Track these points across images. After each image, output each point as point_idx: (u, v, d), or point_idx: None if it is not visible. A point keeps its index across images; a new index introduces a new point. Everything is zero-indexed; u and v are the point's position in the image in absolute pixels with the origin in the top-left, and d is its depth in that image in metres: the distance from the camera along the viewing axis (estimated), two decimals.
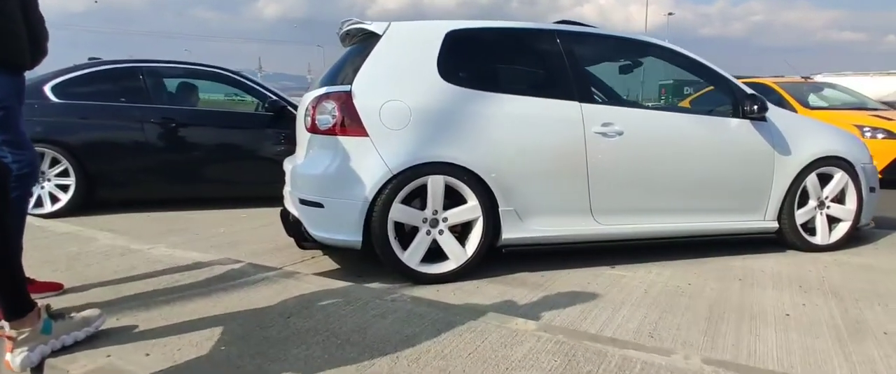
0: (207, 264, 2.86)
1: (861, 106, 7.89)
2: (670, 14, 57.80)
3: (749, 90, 3.48)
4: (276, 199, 5.17)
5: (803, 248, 3.62)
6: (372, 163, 2.80)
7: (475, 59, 3.15)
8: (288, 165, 3.41)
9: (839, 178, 3.66)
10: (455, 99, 2.96)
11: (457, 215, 2.93)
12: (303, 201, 2.94)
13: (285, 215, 3.29)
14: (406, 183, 2.83)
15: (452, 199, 2.92)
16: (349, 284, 2.65)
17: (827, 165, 3.61)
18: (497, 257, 3.07)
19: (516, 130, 3.00)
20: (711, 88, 6.15)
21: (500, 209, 2.96)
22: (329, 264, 3.26)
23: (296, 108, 5.24)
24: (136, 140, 4.71)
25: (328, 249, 3.30)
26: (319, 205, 2.86)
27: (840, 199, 3.72)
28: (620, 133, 3.13)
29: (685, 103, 9.15)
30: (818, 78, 10.17)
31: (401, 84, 2.94)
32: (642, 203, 3.25)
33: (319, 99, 2.94)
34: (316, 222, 2.90)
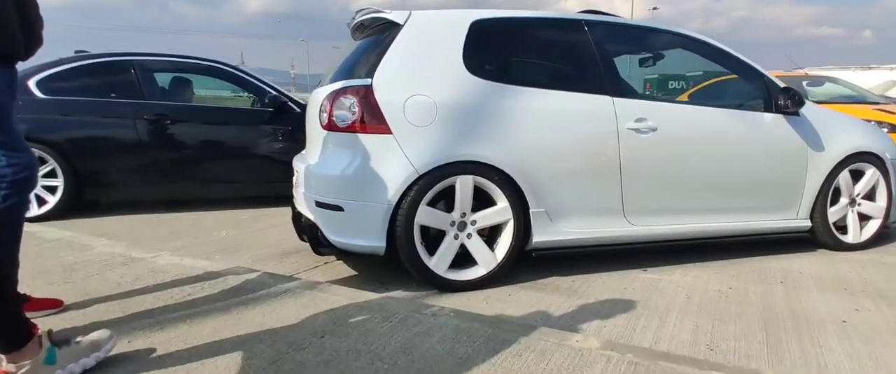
0: (220, 273, 2.62)
1: (862, 100, 7.84)
2: (654, 9, 57.88)
3: (782, 84, 3.34)
4: (276, 198, 4.99)
5: (835, 247, 3.50)
6: (396, 162, 2.60)
7: (502, 51, 2.95)
8: (299, 164, 3.19)
9: (871, 174, 3.54)
10: (482, 93, 2.76)
11: (486, 217, 2.74)
12: (320, 204, 2.72)
13: (297, 218, 3.08)
14: (433, 184, 2.63)
15: (478, 200, 2.73)
16: (380, 296, 2.43)
17: (859, 162, 3.49)
18: (522, 261, 2.88)
19: (547, 127, 2.81)
20: (711, 81, 6.06)
21: (530, 211, 2.78)
22: (345, 270, 3.05)
23: (297, 103, 5.04)
24: (127, 138, 4.43)
25: (343, 254, 3.09)
26: (339, 208, 2.65)
27: (870, 196, 3.60)
28: (654, 129, 2.96)
29: (683, 97, 9.04)
30: (814, 72, 10.13)
31: (425, 77, 2.74)
32: (676, 203, 3.09)
33: (337, 94, 2.72)
34: (335, 227, 2.69)
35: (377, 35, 3.00)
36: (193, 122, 4.68)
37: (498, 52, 2.93)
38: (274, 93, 4.93)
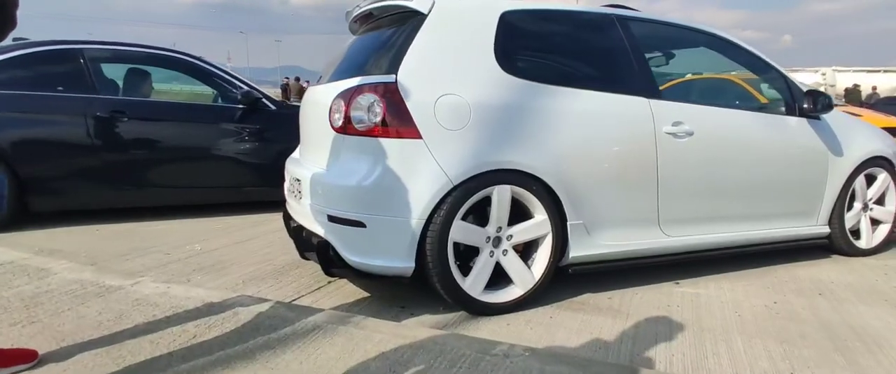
0: (223, 305, 2.18)
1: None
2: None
3: (805, 87, 3.23)
4: (246, 205, 4.53)
5: (850, 252, 3.44)
6: (427, 171, 2.27)
7: (534, 47, 2.67)
8: (297, 169, 2.80)
9: (883, 179, 3.51)
10: (518, 93, 2.47)
11: (524, 231, 2.46)
12: (334, 219, 2.36)
13: (298, 233, 2.69)
14: (469, 196, 2.32)
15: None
16: (429, 331, 2.07)
17: (873, 166, 3.44)
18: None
19: (586, 131, 2.56)
20: (693, 76, 6.01)
21: (568, 223, 2.52)
22: (354, 291, 2.70)
23: (271, 100, 4.59)
24: (77, 137, 3.87)
25: (354, 272, 2.72)
26: (360, 224, 2.29)
27: (880, 200, 3.57)
28: (690, 134, 2.76)
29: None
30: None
31: (455, 75, 2.42)
32: (709, 211, 2.91)
33: (354, 92, 2.36)
34: (355, 246, 2.33)
35: (392, 26, 2.66)
36: (154, 119, 4.15)
37: (530, 47, 2.65)
38: (246, 88, 4.46)
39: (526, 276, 2.47)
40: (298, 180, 2.71)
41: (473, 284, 2.38)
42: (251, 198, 4.46)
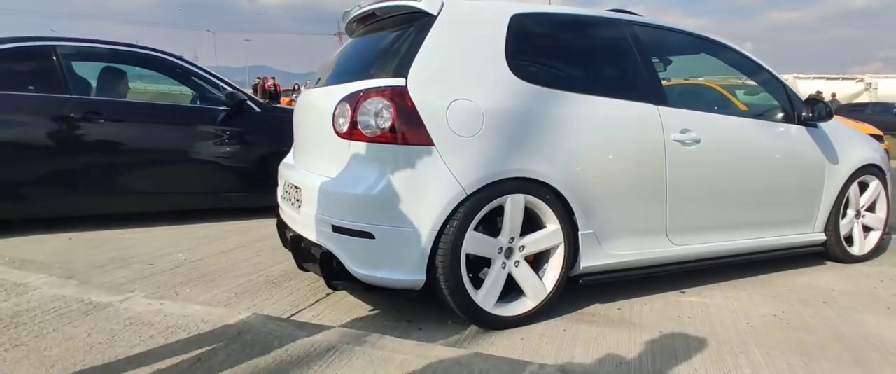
0: (225, 323, 1.99)
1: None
2: None
3: (805, 96, 3.25)
4: (228, 212, 4.33)
5: (844, 259, 3.47)
6: (439, 179, 2.17)
7: (545, 51, 2.60)
8: (294, 174, 2.68)
9: (875, 186, 3.55)
10: (529, 99, 2.39)
11: (536, 241, 2.38)
12: (339, 230, 2.24)
13: (296, 243, 2.56)
14: (482, 205, 2.23)
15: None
16: (455, 351, 1.95)
17: (866, 174, 3.49)
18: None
19: (598, 138, 2.50)
20: (671, 82, 6.03)
21: (579, 233, 2.45)
22: (356, 303, 2.58)
23: (256, 102, 4.43)
24: (49, 140, 3.64)
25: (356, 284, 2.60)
26: (367, 235, 2.18)
27: (871, 207, 3.62)
28: (697, 141, 2.73)
29: None
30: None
31: (467, 79, 2.33)
32: (714, 219, 2.89)
33: (361, 96, 2.25)
34: (361, 258, 2.21)
35: (397, 27, 2.55)
36: (132, 121, 3.94)
37: (541, 51, 2.58)
38: (230, 89, 4.28)
39: (538, 287, 2.39)
40: (297, 188, 2.58)
41: (486, 297, 2.28)
42: (234, 204, 4.28)
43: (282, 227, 2.90)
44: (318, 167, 2.52)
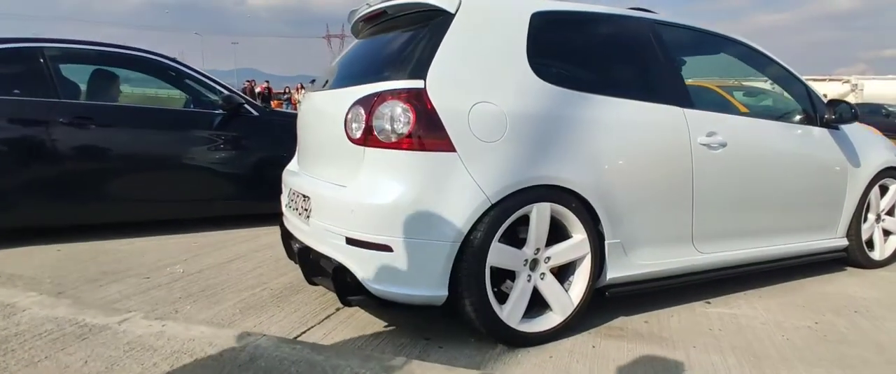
0: (235, 347, 1.80)
1: None
2: None
3: (827, 97, 3.15)
4: (218, 221, 4.13)
5: (865, 265, 3.38)
6: (462, 188, 2.03)
7: (567, 51, 2.47)
8: (300, 181, 2.53)
9: (895, 190, 3.46)
10: (554, 101, 2.26)
11: (562, 252, 2.25)
12: (354, 242, 2.09)
13: (304, 256, 2.40)
14: (508, 215, 2.09)
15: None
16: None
17: (886, 177, 3.40)
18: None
19: (624, 143, 2.37)
20: None
21: (606, 243, 2.32)
22: (369, 319, 2.43)
23: (254, 105, 4.27)
24: (37, 146, 3.46)
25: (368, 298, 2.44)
26: (385, 248, 2.03)
27: (890, 211, 3.53)
28: (724, 145, 2.61)
29: None
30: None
31: (488, 81, 2.19)
32: (740, 226, 2.77)
33: (376, 99, 2.10)
34: (378, 272, 2.06)
35: (411, 26, 2.41)
36: (126, 126, 3.76)
37: (563, 51, 2.45)
38: (227, 92, 4.11)
39: (564, 301, 2.26)
40: (305, 197, 2.42)
41: (512, 312, 2.14)
42: (233, 212, 4.11)
43: (287, 238, 2.74)
44: (328, 175, 2.37)
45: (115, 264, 3.17)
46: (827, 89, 27.39)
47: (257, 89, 19.56)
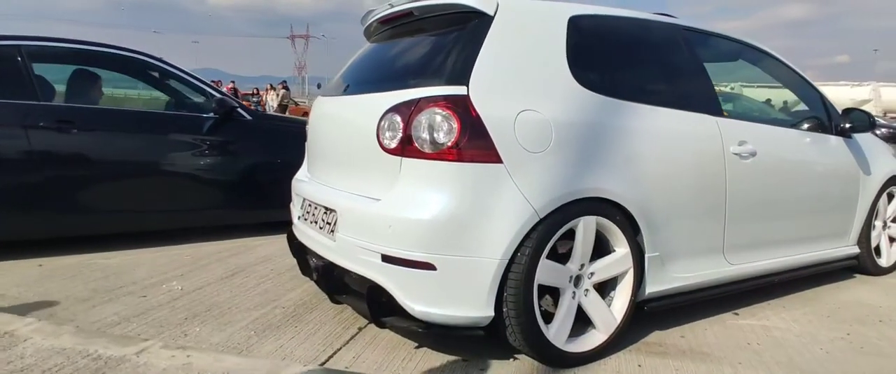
0: None
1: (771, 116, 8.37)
2: None
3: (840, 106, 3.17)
4: (208, 231, 3.89)
5: (874, 272, 3.41)
6: (509, 202, 1.91)
7: (606, 58, 2.38)
8: (325, 196, 2.37)
9: None
10: (596, 110, 2.17)
11: (606, 268, 2.15)
12: (392, 260, 1.94)
13: (329, 273, 2.24)
14: (555, 230, 1.98)
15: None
16: None
17: (893, 185, 3.44)
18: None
19: (663, 153, 2.30)
20: None
21: (646, 256, 2.24)
22: (397, 340, 2.28)
23: (246, 109, 4.06)
24: (16, 153, 3.18)
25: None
26: (429, 266, 1.89)
27: (895, 219, 3.57)
28: (754, 154, 2.57)
29: None
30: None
31: (531, 87, 2.08)
32: (767, 236, 2.74)
33: (415, 106, 1.96)
34: (420, 293, 1.92)
35: (443, 29, 2.28)
36: (111, 131, 3.50)
37: (603, 58, 2.36)
38: (220, 95, 3.89)
39: (608, 318, 2.17)
40: (329, 210, 2.26)
41: (559, 332, 2.04)
42: (226, 222, 3.90)
43: (301, 251, 2.57)
44: (355, 187, 2.21)
45: (105, 281, 2.93)
46: (788, 96, 28.38)
47: (224, 90, 19.00)
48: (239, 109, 3.90)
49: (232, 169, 3.87)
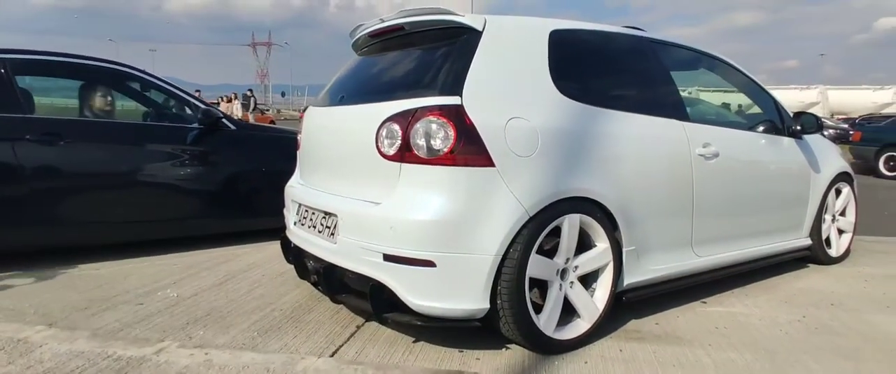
0: (296, 372, 1.77)
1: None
2: None
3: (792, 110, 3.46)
4: (188, 241, 3.92)
5: (825, 261, 3.71)
6: (501, 202, 2.08)
7: (584, 68, 2.58)
8: (323, 201, 2.49)
9: (847, 192, 3.84)
10: (576, 117, 2.36)
11: (590, 261, 2.35)
12: (394, 259, 2.09)
13: (329, 274, 2.37)
14: (544, 227, 2.16)
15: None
16: None
17: (840, 181, 3.75)
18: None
19: (637, 155, 2.51)
20: None
21: (624, 250, 2.44)
22: (394, 335, 2.41)
23: (231, 119, 4.14)
24: (2, 166, 3.19)
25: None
26: (429, 263, 2.05)
27: (842, 212, 3.89)
28: (717, 155, 2.82)
29: None
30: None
31: (518, 97, 2.26)
32: (730, 230, 2.99)
33: (414, 115, 2.12)
34: (422, 289, 2.07)
35: (433, 43, 2.44)
36: (98, 142, 3.54)
37: (581, 68, 2.55)
38: (205, 106, 3.96)
39: (591, 308, 2.36)
40: (328, 214, 2.39)
41: (548, 321, 2.21)
42: (212, 230, 3.95)
43: (298, 255, 2.68)
44: (354, 192, 2.35)
45: (99, 291, 2.97)
46: (742, 100, 29.58)
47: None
48: (224, 120, 3.97)
49: (218, 178, 3.93)
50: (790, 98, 30.48)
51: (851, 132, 13.85)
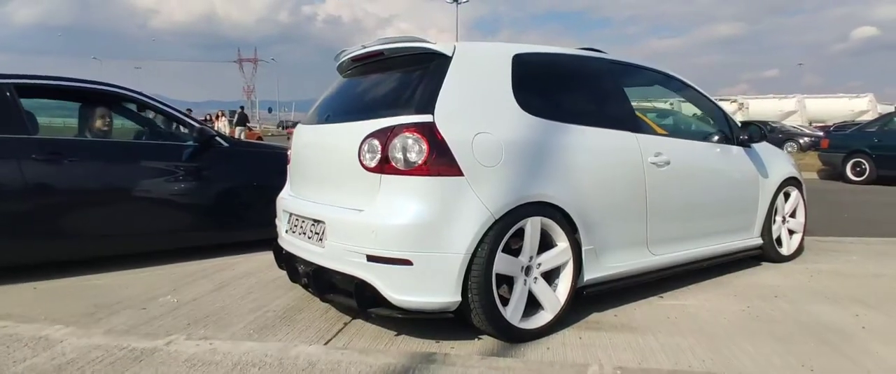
0: (290, 356, 2.02)
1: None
2: None
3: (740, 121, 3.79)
4: (182, 252, 4.14)
5: (776, 259, 4.03)
6: (470, 207, 2.37)
7: (544, 87, 2.88)
8: (312, 210, 2.75)
9: (795, 195, 4.17)
10: (536, 130, 2.66)
11: (551, 259, 2.63)
12: (376, 259, 2.36)
13: (318, 276, 2.63)
14: (508, 228, 2.45)
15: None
16: (519, 361, 2.11)
17: (788, 186, 4.09)
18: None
19: (593, 164, 2.81)
20: None
21: (583, 249, 2.73)
22: (378, 330, 2.67)
23: (224, 137, 4.39)
24: (8, 183, 3.41)
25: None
26: (406, 262, 2.32)
27: (793, 214, 4.23)
28: (668, 163, 3.12)
29: None
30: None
31: (484, 114, 2.56)
32: (684, 231, 3.29)
33: (391, 132, 2.40)
34: (401, 285, 2.34)
35: (409, 67, 2.74)
36: (98, 161, 3.77)
37: (541, 88, 2.86)
38: (198, 125, 4.21)
39: (553, 301, 2.63)
40: (317, 221, 2.66)
41: (514, 313, 2.49)
42: (207, 242, 4.19)
43: (289, 260, 2.94)
44: (339, 201, 2.62)
45: (103, 298, 3.19)
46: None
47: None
48: (217, 137, 4.22)
49: (212, 193, 4.17)
50: (769, 107, 31.26)
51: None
